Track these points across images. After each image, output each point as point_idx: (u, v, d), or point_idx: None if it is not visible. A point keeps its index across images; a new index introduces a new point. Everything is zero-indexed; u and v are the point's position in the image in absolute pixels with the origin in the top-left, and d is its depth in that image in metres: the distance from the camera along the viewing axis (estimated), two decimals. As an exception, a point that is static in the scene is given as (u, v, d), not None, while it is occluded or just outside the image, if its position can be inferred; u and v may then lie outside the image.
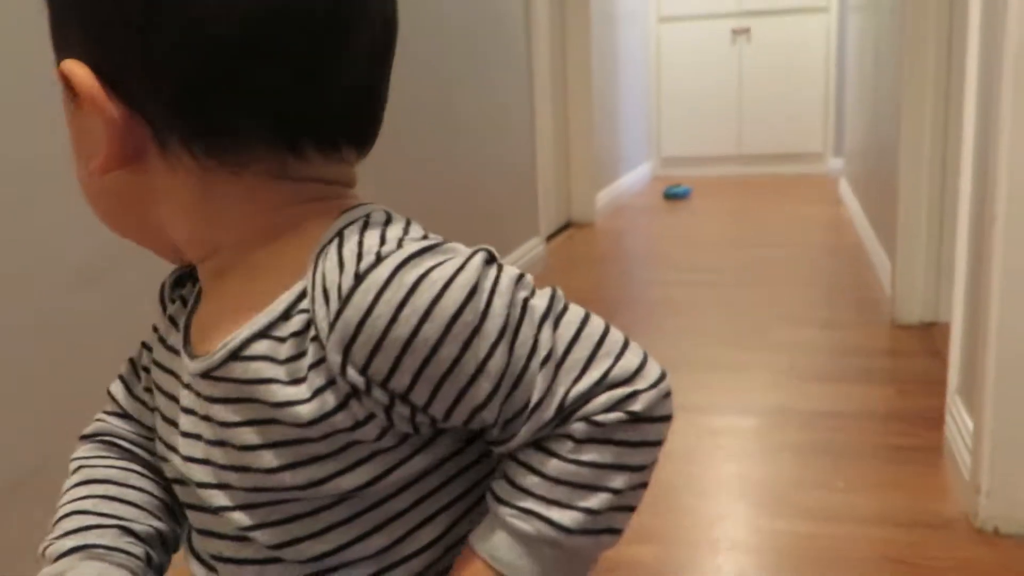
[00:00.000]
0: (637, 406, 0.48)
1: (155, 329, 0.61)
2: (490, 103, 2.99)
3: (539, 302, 0.48)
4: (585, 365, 0.48)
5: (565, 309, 0.49)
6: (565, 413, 0.48)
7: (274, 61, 0.47)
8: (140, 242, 0.56)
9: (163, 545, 0.60)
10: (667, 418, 0.50)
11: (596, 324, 0.49)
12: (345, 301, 0.45)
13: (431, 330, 0.45)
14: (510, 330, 0.47)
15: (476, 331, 0.45)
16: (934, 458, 1.72)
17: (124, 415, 0.65)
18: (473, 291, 0.45)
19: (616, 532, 0.51)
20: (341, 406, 0.47)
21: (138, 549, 0.57)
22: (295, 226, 0.51)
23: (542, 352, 0.47)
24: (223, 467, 0.52)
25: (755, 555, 1.45)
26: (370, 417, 0.48)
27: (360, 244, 0.47)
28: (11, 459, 1.19)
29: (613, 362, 0.48)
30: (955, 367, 1.70)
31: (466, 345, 0.46)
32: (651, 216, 4.76)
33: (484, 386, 0.46)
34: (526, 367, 0.47)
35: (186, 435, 0.54)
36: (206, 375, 0.51)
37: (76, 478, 0.61)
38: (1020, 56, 1.32)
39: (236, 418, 0.50)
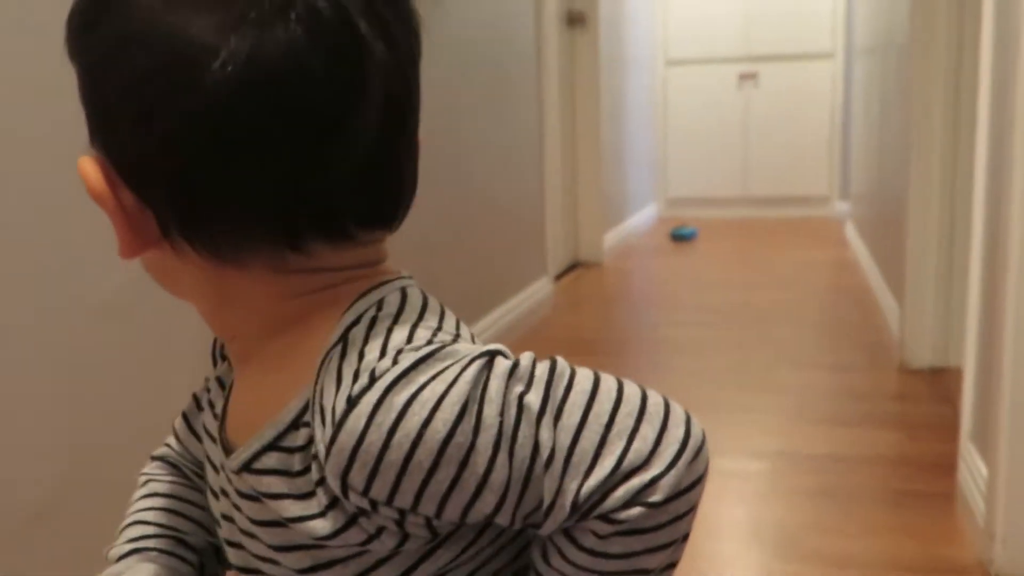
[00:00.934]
0: (657, 496, 0.44)
1: (207, 383, 0.62)
2: (500, 144, 3.01)
3: (534, 397, 0.44)
4: (595, 456, 0.44)
5: (568, 389, 0.45)
6: (583, 510, 0.45)
7: (263, 158, 0.45)
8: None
9: (216, 557, 0.63)
10: (698, 482, 0.46)
11: (604, 398, 0.45)
12: (339, 426, 0.44)
13: (424, 454, 0.44)
14: (506, 438, 0.44)
15: (471, 449, 0.44)
16: (946, 504, 1.70)
17: (182, 449, 0.68)
18: (464, 409, 0.44)
19: None
20: (351, 523, 0.47)
21: (191, 557, 0.60)
22: (302, 319, 0.50)
23: (544, 453, 0.44)
24: (254, 555, 0.53)
25: (766, 601, 1.43)
26: (381, 530, 0.47)
27: (360, 357, 0.46)
28: (36, 487, 1.18)
29: (626, 446, 0.44)
30: (968, 413, 1.69)
31: (463, 464, 0.44)
32: (658, 257, 4.77)
33: (489, 499, 0.45)
34: (530, 472, 0.44)
35: (223, 516, 0.55)
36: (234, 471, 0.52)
37: (143, 491, 0.65)
38: (1032, 101, 1.32)
39: (261, 517, 0.51)
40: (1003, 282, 1.39)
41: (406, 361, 0.45)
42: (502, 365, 0.45)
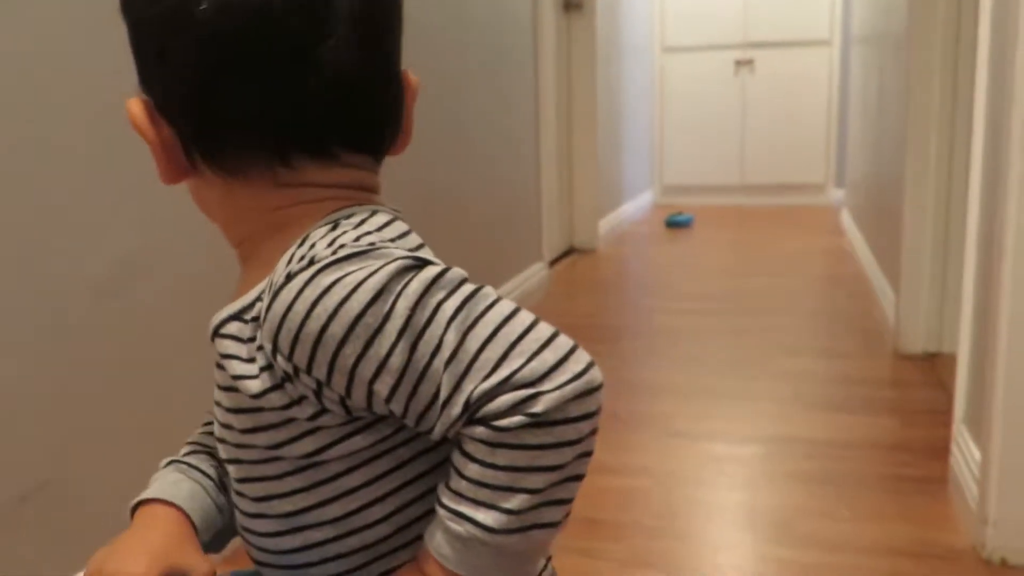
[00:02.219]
0: (537, 407, 0.48)
1: None
2: (496, 130, 3.01)
3: (452, 303, 0.50)
4: (495, 365, 0.49)
5: (488, 308, 0.51)
6: (471, 411, 0.49)
7: (246, 81, 0.55)
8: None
9: None
10: (585, 416, 0.50)
11: (518, 323, 0.50)
12: (274, 297, 0.53)
13: (337, 328, 0.50)
14: (412, 331, 0.50)
15: (378, 331, 0.50)
16: (939, 489, 1.71)
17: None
18: (378, 294, 0.50)
19: (549, 526, 0.53)
20: (277, 386, 0.54)
21: (214, 472, 0.67)
22: (291, 225, 0.58)
23: (446, 352, 0.49)
24: (220, 424, 0.61)
25: (761, 583, 1.44)
26: (302, 398, 0.54)
27: (311, 247, 0.54)
28: (21, 471, 1.18)
29: (524, 362, 0.49)
30: (961, 397, 1.70)
31: (368, 344, 0.50)
32: (653, 244, 4.77)
33: (387, 380, 0.50)
34: (428, 365, 0.50)
35: (215, 403, 0.63)
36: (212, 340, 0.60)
37: (190, 438, 0.72)
38: (1029, 88, 1.33)
39: (224, 383, 0.59)
40: (998, 269, 1.40)
41: (342, 252, 0.52)
42: (430, 271, 0.52)
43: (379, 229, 0.57)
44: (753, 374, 2.47)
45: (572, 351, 0.50)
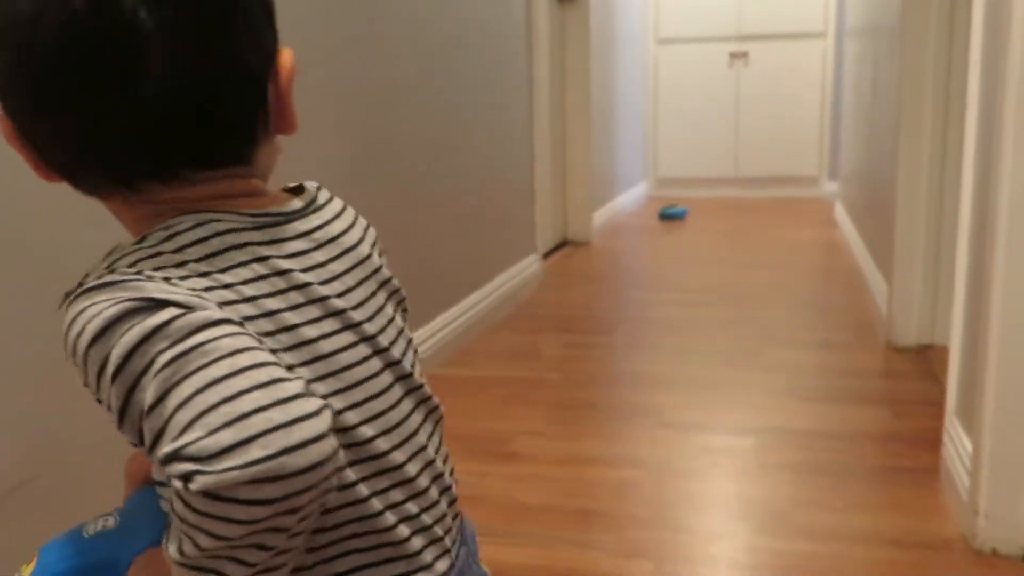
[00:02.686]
0: (193, 485, 0.46)
1: None
2: (490, 122, 3.00)
3: (166, 356, 0.49)
4: (181, 431, 0.47)
5: (201, 367, 0.48)
6: (162, 464, 0.48)
7: (58, 120, 0.55)
8: None
9: None
10: (262, 502, 0.47)
11: (224, 388, 0.48)
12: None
13: (77, 359, 0.52)
14: (125, 378, 0.50)
15: (100, 371, 0.51)
16: (931, 479, 1.72)
17: None
18: (100, 334, 0.51)
19: (221, 575, 0.51)
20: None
21: None
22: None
23: (146, 405, 0.49)
24: None
25: (752, 573, 1.44)
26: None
27: (96, 268, 0.56)
28: (7, 465, 1.18)
29: (202, 435, 0.46)
30: (953, 388, 1.70)
31: (96, 378, 0.51)
32: (647, 236, 4.78)
33: (114, 415, 0.52)
34: (137, 415, 0.50)
35: None
36: None
37: None
38: (1022, 83, 1.33)
39: None
40: (990, 261, 1.40)
41: (99, 281, 0.53)
42: (157, 319, 0.50)
43: (178, 249, 0.55)
44: (746, 365, 2.48)
45: (269, 432, 0.47)
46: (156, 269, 0.54)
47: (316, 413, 0.48)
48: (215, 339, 0.49)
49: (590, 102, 4.42)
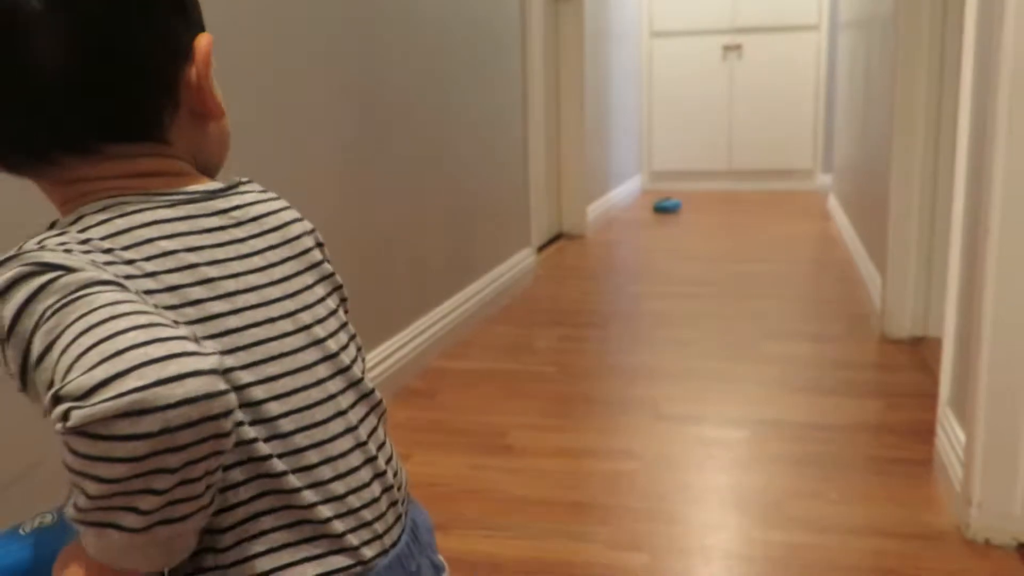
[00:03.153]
0: (69, 421, 0.46)
1: None
2: (484, 116, 3.00)
3: (50, 310, 0.51)
4: (63, 375, 0.48)
5: (81, 316, 0.50)
6: (46, 414, 0.48)
7: None
8: None
9: None
10: (139, 436, 0.46)
11: (100, 332, 0.49)
12: None
13: None
14: (17, 337, 0.51)
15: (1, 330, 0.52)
16: (925, 470, 1.73)
17: None
18: None
19: (120, 528, 0.51)
20: None
21: None
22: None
23: (32, 358, 0.50)
24: None
25: (748, 565, 1.45)
26: None
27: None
28: (10, 454, 1.18)
29: (77, 375, 0.47)
30: (946, 380, 1.71)
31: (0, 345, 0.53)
32: (641, 229, 4.78)
33: (15, 379, 0.53)
34: (29, 369, 0.51)
35: None
36: None
37: None
38: (1016, 72, 1.33)
39: None
40: (983, 254, 1.41)
41: (3, 256, 0.55)
42: (42, 279, 0.52)
43: (83, 229, 0.57)
44: (741, 358, 2.48)
45: (149, 363, 0.47)
46: (59, 245, 0.55)
47: (197, 353, 0.49)
48: (99, 292, 0.51)
49: (584, 96, 4.42)
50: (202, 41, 0.62)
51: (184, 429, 0.47)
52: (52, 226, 0.58)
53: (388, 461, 0.67)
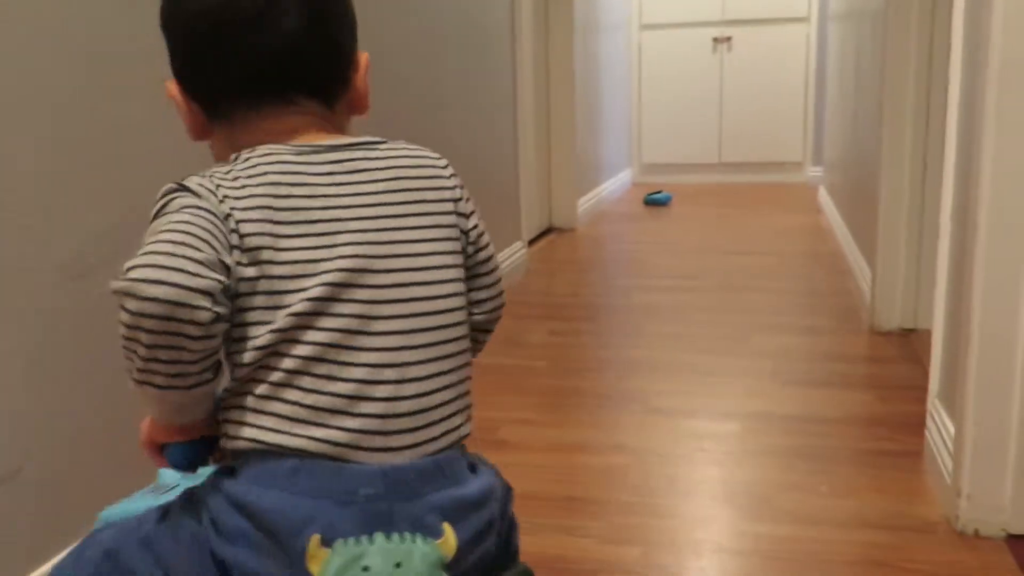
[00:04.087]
0: (110, 287, 0.67)
1: None
2: (474, 108, 3.00)
3: (159, 211, 0.74)
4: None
5: (163, 224, 0.71)
6: None
7: (214, 54, 0.80)
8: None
9: None
10: (124, 310, 0.67)
11: (157, 235, 0.69)
12: None
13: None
14: (152, 229, 0.72)
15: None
16: (915, 462, 1.74)
17: None
18: (155, 214, 0.74)
19: (136, 383, 0.73)
20: None
21: None
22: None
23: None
24: None
25: (738, 558, 1.46)
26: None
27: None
28: (-7, 457, 1.17)
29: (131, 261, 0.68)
30: (936, 372, 1.72)
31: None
32: (632, 222, 4.78)
33: None
34: None
35: None
36: None
37: None
38: (1004, 65, 1.34)
39: None
40: (972, 246, 1.42)
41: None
42: (173, 195, 0.74)
43: (232, 166, 0.76)
44: (732, 351, 2.49)
45: (152, 266, 0.66)
46: (209, 174, 0.75)
47: (185, 271, 0.67)
48: (183, 212, 0.71)
49: (574, 89, 4.41)
50: (363, 56, 0.87)
51: (149, 319, 0.66)
52: (236, 159, 0.77)
53: (439, 392, 0.77)
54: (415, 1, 2.46)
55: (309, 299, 0.72)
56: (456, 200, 0.86)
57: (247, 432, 0.72)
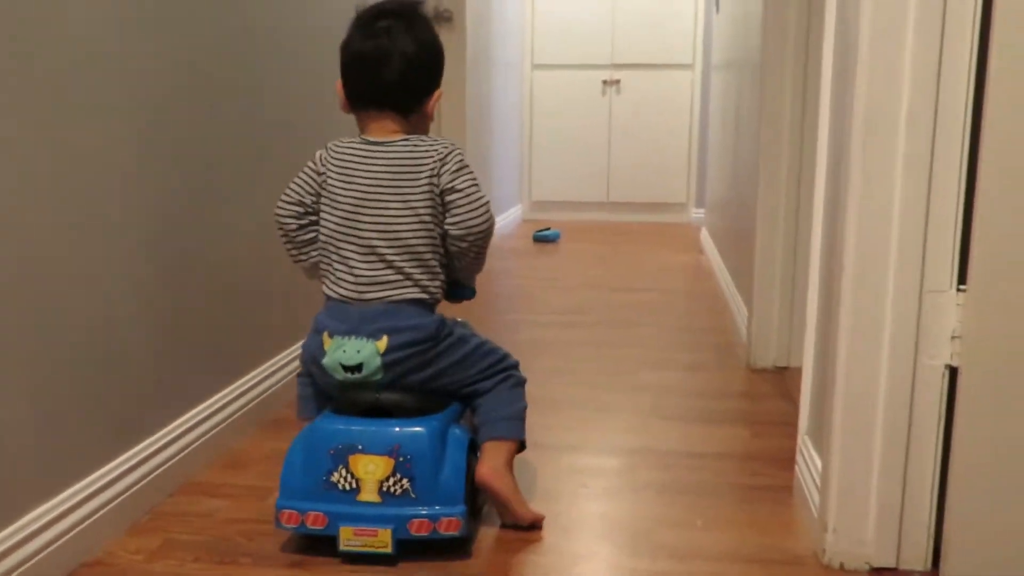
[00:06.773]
0: None
1: None
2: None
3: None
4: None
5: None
6: None
7: (356, 78, 1.63)
8: None
9: None
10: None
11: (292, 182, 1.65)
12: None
13: None
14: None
15: None
16: (786, 497, 1.79)
17: None
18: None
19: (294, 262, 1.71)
20: None
21: None
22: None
23: None
24: None
25: (616, 594, 1.46)
26: None
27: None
28: None
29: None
30: (805, 410, 1.78)
31: None
32: (521, 258, 4.82)
33: None
34: None
35: None
36: None
37: None
38: (868, 117, 1.41)
39: None
40: (838, 287, 1.48)
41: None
42: (309, 161, 1.67)
43: (347, 142, 1.61)
44: (614, 386, 2.52)
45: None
46: (330, 147, 1.64)
47: (282, 200, 1.65)
48: (304, 167, 1.66)
49: (465, 125, 4.44)
50: (438, 92, 1.65)
51: (277, 229, 1.67)
52: (339, 143, 1.60)
53: (386, 273, 1.60)
54: (296, 34, 2.43)
55: (336, 218, 1.59)
56: (434, 167, 1.59)
57: (323, 289, 1.62)
